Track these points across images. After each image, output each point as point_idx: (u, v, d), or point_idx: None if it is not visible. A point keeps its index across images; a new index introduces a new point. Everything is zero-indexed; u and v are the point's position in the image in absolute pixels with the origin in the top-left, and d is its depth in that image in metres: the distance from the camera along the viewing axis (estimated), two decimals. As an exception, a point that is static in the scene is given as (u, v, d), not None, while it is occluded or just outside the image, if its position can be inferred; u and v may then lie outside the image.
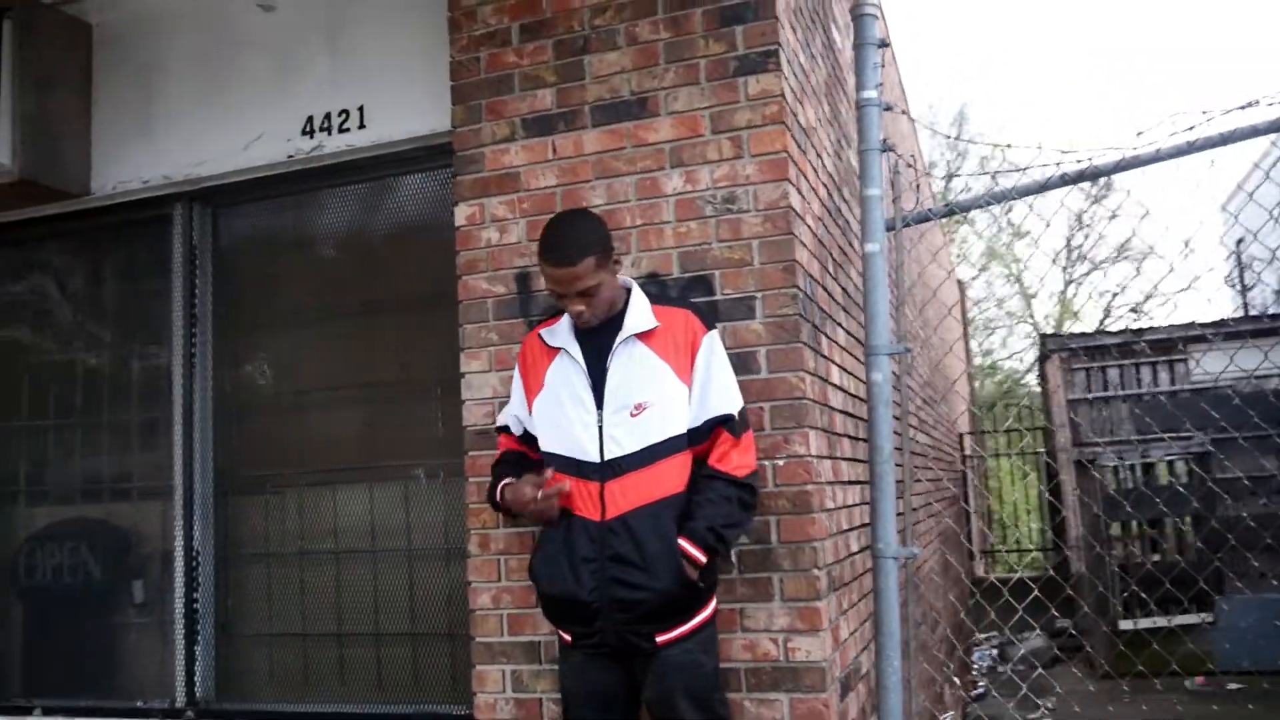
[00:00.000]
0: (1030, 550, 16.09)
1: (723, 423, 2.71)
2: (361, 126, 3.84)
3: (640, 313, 2.76)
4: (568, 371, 2.78)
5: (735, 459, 2.71)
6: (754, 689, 2.92)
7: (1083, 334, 11.39)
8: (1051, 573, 10.45)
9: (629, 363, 2.72)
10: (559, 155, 3.31)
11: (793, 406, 2.99)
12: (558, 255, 2.68)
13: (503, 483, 2.83)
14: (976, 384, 22.26)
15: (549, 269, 2.70)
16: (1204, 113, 2.62)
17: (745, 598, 2.98)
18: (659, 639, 2.62)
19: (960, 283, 18.32)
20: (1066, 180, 2.83)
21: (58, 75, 4.12)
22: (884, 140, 3.00)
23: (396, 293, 3.89)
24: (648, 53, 3.24)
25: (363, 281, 3.95)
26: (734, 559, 2.97)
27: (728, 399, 2.74)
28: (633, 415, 2.67)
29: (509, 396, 3.10)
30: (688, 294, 3.09)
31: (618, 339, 2.73)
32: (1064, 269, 26.05)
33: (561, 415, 2.76)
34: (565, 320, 2.83)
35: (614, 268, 2.77)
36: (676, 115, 3.19)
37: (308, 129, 3.91)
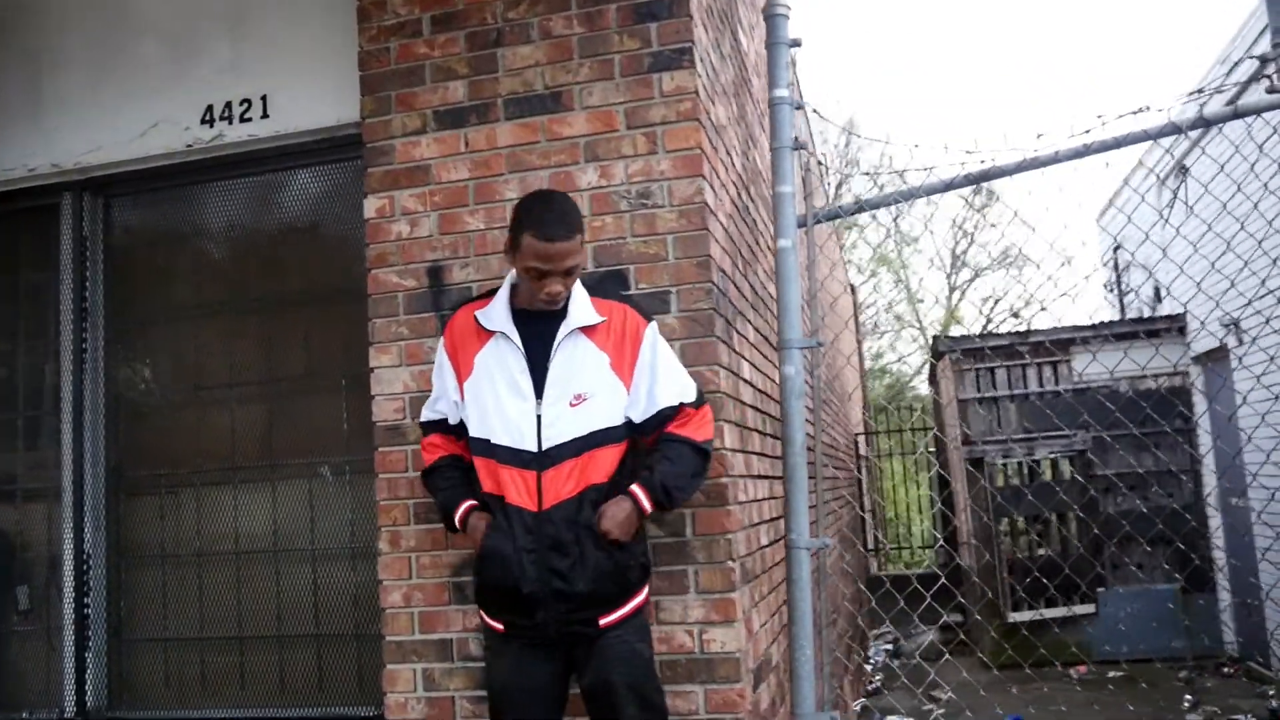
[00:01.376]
0: (919, 548, 16.55)
1: (688, 404, 2.76)
2: (265, 116, 3.74)
3: (584, 305, 2.75)
4: (504, 356, 2.73)
5: (696, 426, 2.77)
6: (669, 681, 2.94)
7: (972, 336, 11.77)
8: (936, 570, 10.75)
9: (571, 354, 2.70)
10: (471, 148, 3.28)
11: (708, 400, 3.02)
12: (558, 230, 2.62)
13: (465, 505, 2.78)
14: (868, 385, 22.81)
15: (543, 245, 2.61)
16: (1099, 117, 2.74)
17: (660, 591, 2.99)
18: (601, 621, 2.61)
19: (851, 286, 18.75)
20: (971, 180, 2.93)
21: (-65, 56, 3.91)
22: (795, 138, 3.05)
23: (301, 287, 3.80)
24: (561, 47, 3.24)
25: (266, 275, 3.85)
26: (649, 554, 2.99)
27: (680, 388, 2.76)
28: (572, 405, 2.66)
29: (424, 391, 3.07)
30: (603, 288, 3.10)
31: (562, 330, 2.70)
32: (948, 275, 26.95)
33: (495, 401, 2.72)
34: (499, 303, 2.78)
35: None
36: (591, 110, 3.19)
37: (208, 118, 3.79)
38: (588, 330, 2.73)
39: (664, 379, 2.74)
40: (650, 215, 3.12)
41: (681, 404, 2.74)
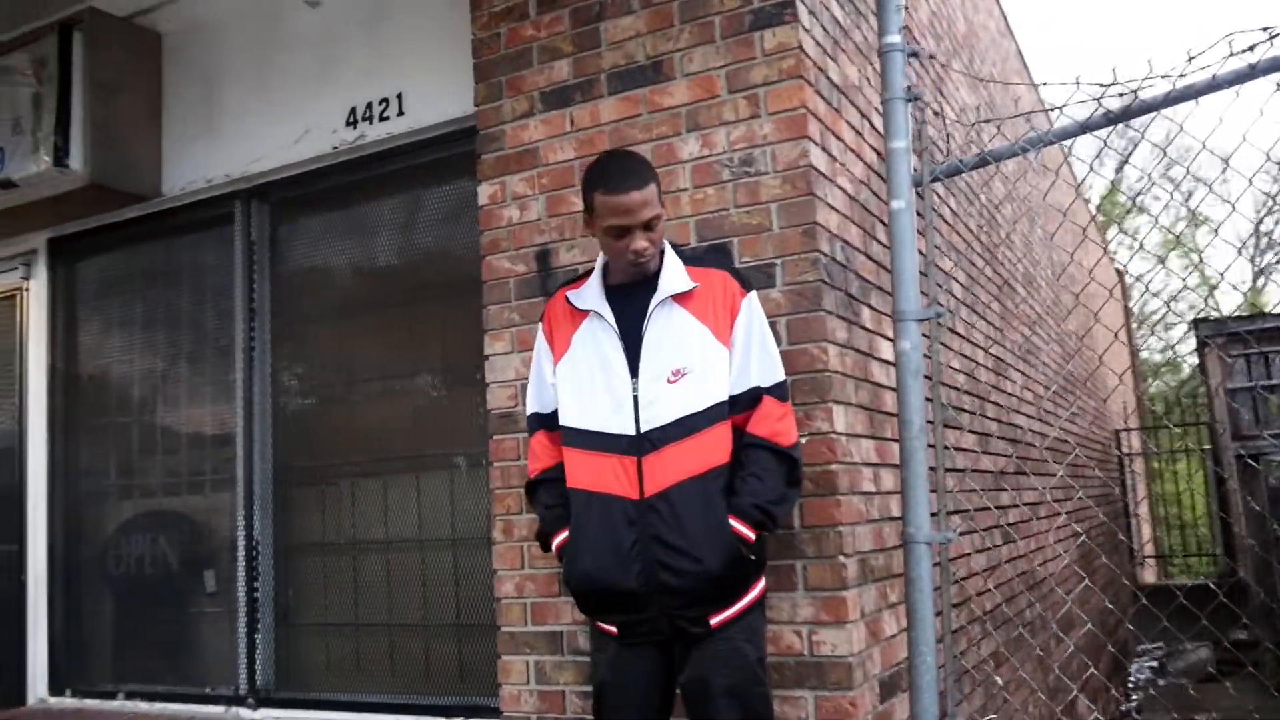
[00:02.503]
0: (1199, 555, 14.97)
1: (769, 390, 2.50)
2: (400, 113, 3.82)
3: (676, 273, 2.54)
4: (598, 335, 2.56)
5: (781, 427, 2.48)
6: (778, 685, 2.71)
7: (1241, 317, 10.49)
8: (1207, 581, 9.63)
9: (666, 326, 2.50)
10: (576, 127, 3.19)
11: (814, 380, 2.77)
12: (625, 182, 2.45)
13: (564, 535, 2.55)
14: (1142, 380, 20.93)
15: (614, 198, 2.45)
16: (1265, 29, 2.27)
17: (768, 586, 2.77)
18: (712, 621, 2.40)
19: (1119, 270, 17.25)
20: (1111, 119, 2.52)
21: (127, 83, 4.26)
22: (908, 88, 2.74)
23: (439, 279, 3.84)
24: (662, 14, 3.08)
25: (406, 269, 3.93)
26: (765, 548, 2.77)
27: (772, 366, 2.52)
28: (670, 382, 2.45)
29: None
30: (705, 263, 2.91)
31: (654, 300, 2.51)
32: (1251, 258, 24.22)
33: (589, 383, 2.55)
34: (592, 282, 2.63)
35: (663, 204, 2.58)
36: (692, 77, 3.02)
37: (351, 119, 3.91)
38: (682, 299, 2.51)
39: (758, 354, 2.51)
40: (753, 184, 2.90)
41: (761, 388, 2.49)
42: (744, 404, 2.49)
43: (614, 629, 2.52)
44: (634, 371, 2.49)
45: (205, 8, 4.34)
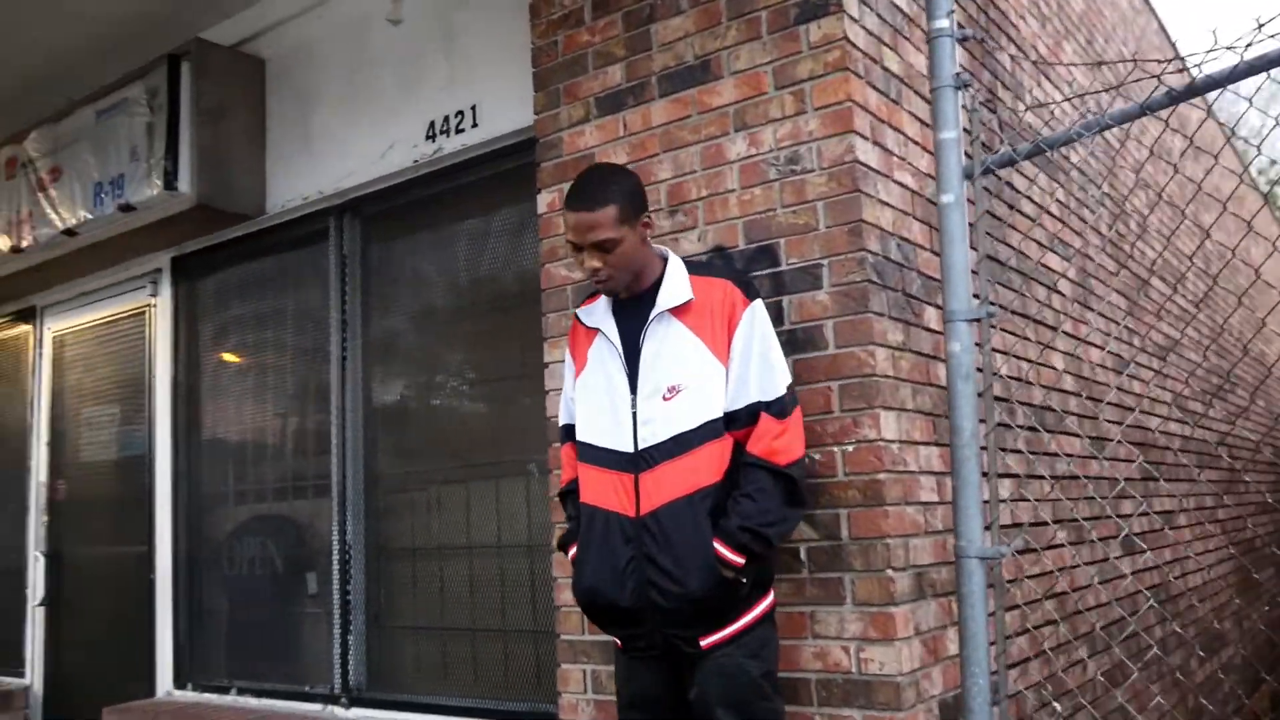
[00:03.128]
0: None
1: (767, 406, 2.41)
2: (475, 125, 3.88)
3: (675, 285, 2.50)
4: (603, 352, 2.58)
5: (778, 445, 2.38)
6: (825, 703, 2.61)
7: None
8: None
9: (663, 341, 2.47)
10: (629, 131, 3.15)
11: (862, 385, 2.65)
12: (577, 201, 2.47)
13: (574, 550, 2.56)
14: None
15: (568, 215, 2.49)
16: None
17: (815, 599, 2.67)
18: (703, 642, 2.35)
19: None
20: (1174, 98, 2.30)
21: (232, 108, 4.48)
22: (958, 74, 2.59)
23: (515, 287, 3.87)
24: (710, 12, 3.01)
25: (484, 278, 3.98)
26: (803, 556, 2.68)
27: (772, 379, 2.43)
28: (665, 399, 2.43)
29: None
30: (753, 266, 2.84)
31: (651, 315, 2.49)
32: None
33: (597, 400, 2.57)
34: (604, 299, 2.64)
35: (642, 230, 2.50)
36: (739, 75, 2.94)
37: (430, 133, 4.00)
38: (680, 312, 2.47)
39: (758, 367, 2.42)
40: (799, 182, 2.80)
41: (760, 404, 2.40)
42: (744, 420, 2.42)
43: (619, 641, 2.52)
44: (634, 388, 2.47)
45: (301, 32, 4.52)
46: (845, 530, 2.64)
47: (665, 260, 2.59)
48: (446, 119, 3.96)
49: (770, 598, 2.47)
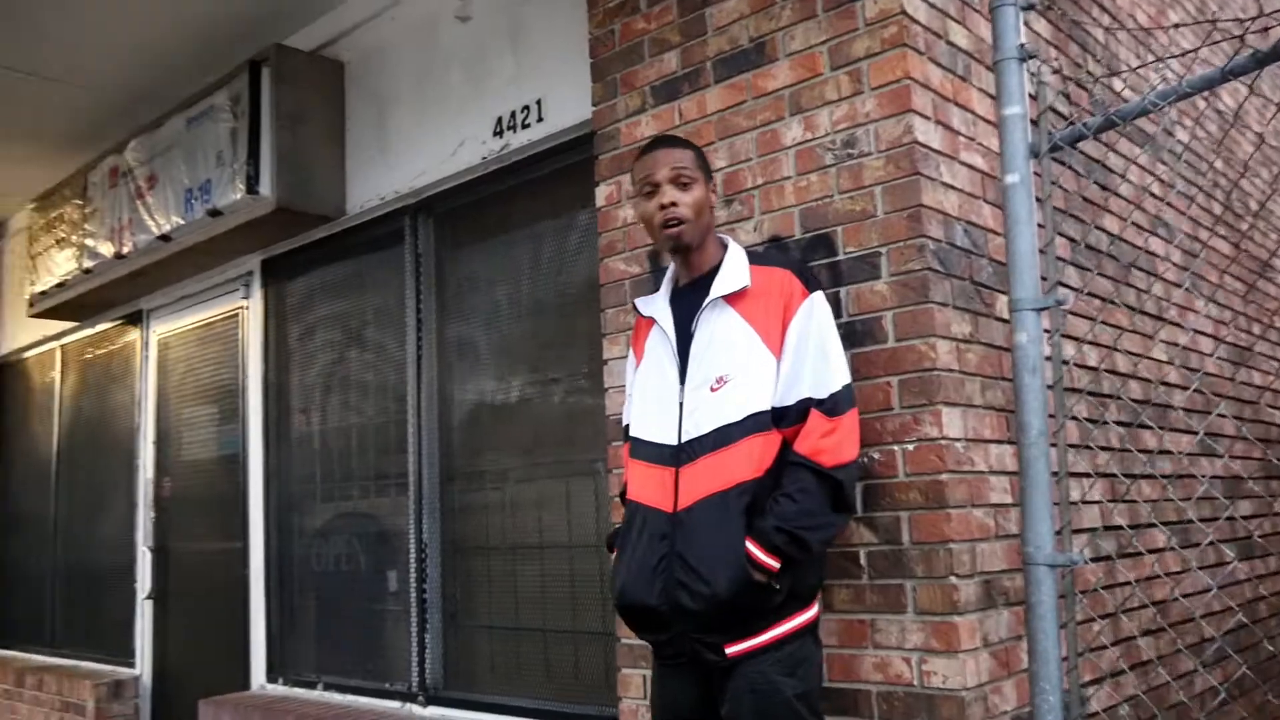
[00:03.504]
0: None
1: (819, 403, 2.27)
2: (540, 119, 3.83)
3: (732, 271, 2.39)
4: (657, 343, 2.48)
5: (826, 444, 2.24)
6: (886, 716, 2.47)
7: None
8: None
9: (714, 329, 2.37)
10: (685, 119, 3.05)
11: (922, 380, 2.50)
12: (655, 144, 2.47)
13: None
14: None
15: (643, 159, 2.46)
16: None
17: (875, 606, 2.53)
18: (728, 650, 2.22)
19: None
20: (1261, 58, 2.08)
21: (311, 112, 4.54)
22: (1022, 46, 2.40)
23: (583, 283, 3.81)
24: (764, -9, 2.89)
25: (552, 274, 3.92)
26: (863, 561, 2.54)
27: (826, 375, 2.29)
28: (713, 390, 2.31)
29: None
30: (809, 256, 2.71)
31: (705, 301, 2.38)
32: None
33: (648, 392, 2.47)
34: (664, 286, 2.55)
35: (710, 195, 2.47)
36: (794, 56, 2.81)
37: (498, 129, 3.97)
38: (735, 300, 2.36)
39: (812, 361, 2.29)
40: (856, 166, 2.66)
41: (811, 400, 2.26)
42: (794, 417, 2.28)
43: (650, 645, 2.42)
44: (684, 378, 2.37)
45: (377, 34, 4.55)
46: (906, 534, 2.49)
47: (726, 247, 2.48)
48: (513, 114, 3.92)
49: (812, 611, 2.32)
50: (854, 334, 2.62)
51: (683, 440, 2.33)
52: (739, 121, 2.92)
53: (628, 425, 2.60)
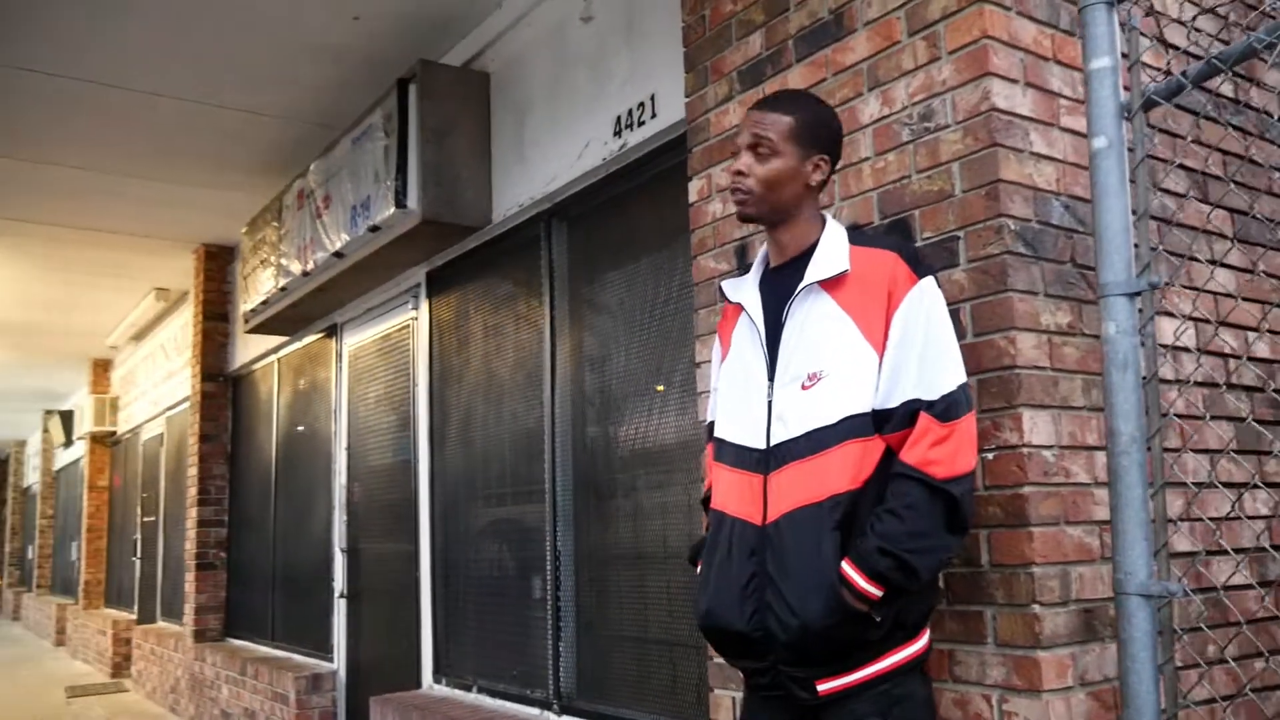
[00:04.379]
0: None
1: (930, 405, 1.96)
2: (653, 116, 3.72)
3: (830, 254, 2.11)
4: (744, 333, 2.24)
5: (938, 453, 1.93)
6: (966, 761, 2.18)
7: None
8: None
9: (807, 319, 2.09)
10: (767, 103, 2.85)
11: (1001, 379, 2.19)
12: (760, 102, 2.21)
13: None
14: None
15: (744, 117, 2.23)
16: None
17: (954, 636, 2.24)
18: (820, 688, 1.96)
19: None
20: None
21: (456, 125, 4.63)
22: (1110, -13, 2.06)
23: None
24: (842, -43, 2.65)
25: (673, 273, 3.79)
26: (941, 583, 2.26)
27: (937, 373, 1.98)
28: (804, 388, 2.04)
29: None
30: (881, 237, 2.44)
31: (799, 287, 2.12)
32: None
33: (734, 390, 2.23)
34: (755, 266, 2.30)
35: (811, 169, 2.15)
36: (871, 25, 2.56)
37: (616, 129, 3.89)
38: (832, 286, 2.07)
39: (919, 357, 1.99)
40: (933, 141, 2.38)
41: (921, 402, 1.97)
42: (899, 421, 1.98)
43: (743, 674, 2.17)
44: (773, 374, 2.11)
45: (515, 43, 4.59)
46: (986, 554, 2.19)
47: (825, 224, 2.20)
48: (630, 112, 3.83)
49: (921, 643, 2.02)
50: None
51: (771, 444, 2.06)
52: (818, 101, 2.69)
53: (711, 424, 2.36)
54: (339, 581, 6.13)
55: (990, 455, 2.20)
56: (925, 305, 2.02)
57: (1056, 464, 2.20)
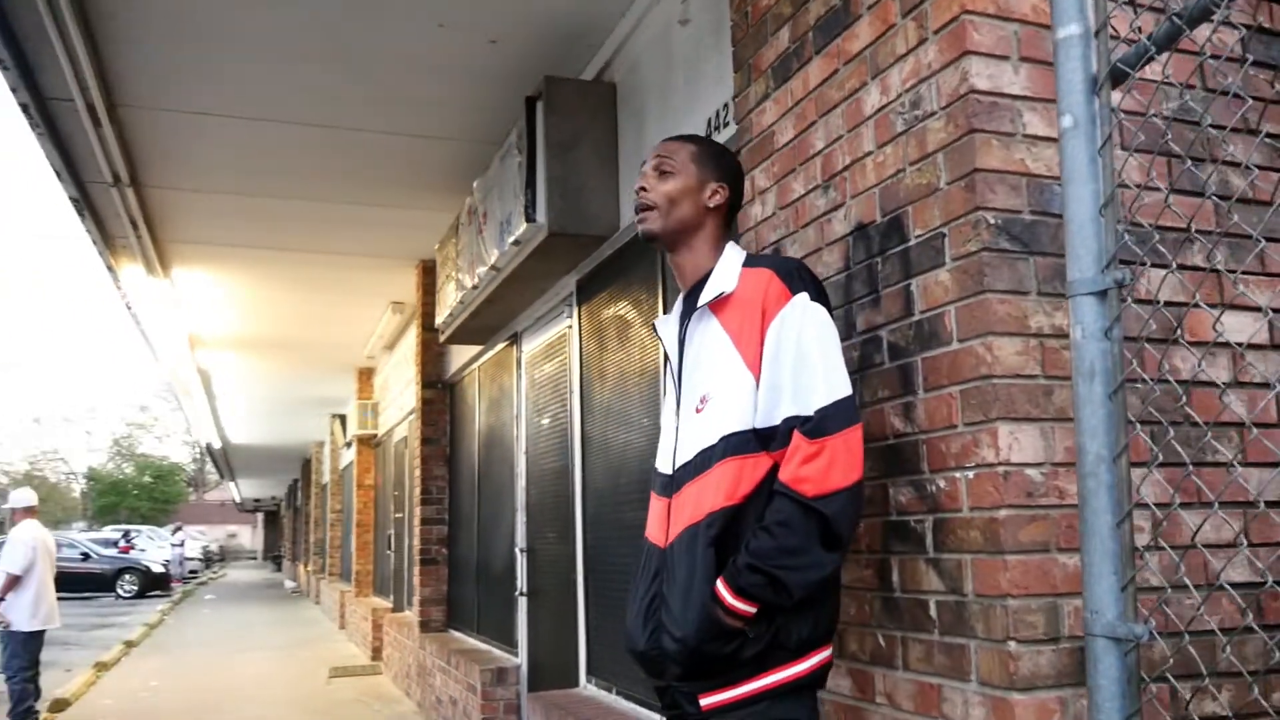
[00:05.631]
0: None
1: (801, 422, 1.95)
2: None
3: (721, 276, 2.13)
4: (668, 363, 2.33)
5: (809, 471, 1.91)
6: (952, 808, 2.00)
7: None
8: None
9: (701, 343, 2.13)
10: (794, 100, 2.73)
11: (979, 390, 1.99)
12: (670, 136, 2.32)
13: None
14: None
15: None
16: None
17: (943, 670, 2.06)
18: (701, 701, 1.97)
19: None
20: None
21: (582, 137, 4.70)
22: (1075, -55, 1.80)
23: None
24: (848, -61, 2.48)
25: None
26: (933, 612, 2.09)
27: (809, 388, 1.96)
28: (698, 411, 2.08)
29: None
30: (886, 245, 2.29)
31: (693, 313, 2.17)
32: None
33: (663, 418, 2.32)
34: (676, 304, 2.33)
35: (709, 197, 2.20)
36: (873, 10, 2.39)
37: (707, 130, 3.82)
38: (718, 307, 2.11)
39: (792, 374, 1.97)
40: (921, 131, 2.19)
41: (796, 418, 1.94)
42: (782, 438, 1.98)
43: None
44: (679, 400, 2.17)
45: (633, 50, 4.60)
46: (969, 583, 2.00)
47: (725, 251, 2.23)
48: (718, 113, 3.76)
49: (803, 665, 1.96)
50: (921, 335, 2.16)
51: (675, 468, 2.12)
52: (831, 95, 2.54)
53: None
54: (520, 579, 6.39)
55: (970, 474, 2.00)
56: (797, 321, 2.00)
57: (1046, 483, 1.96)
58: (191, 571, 33.26)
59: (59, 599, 7.91)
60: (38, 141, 5.77)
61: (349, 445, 16.44)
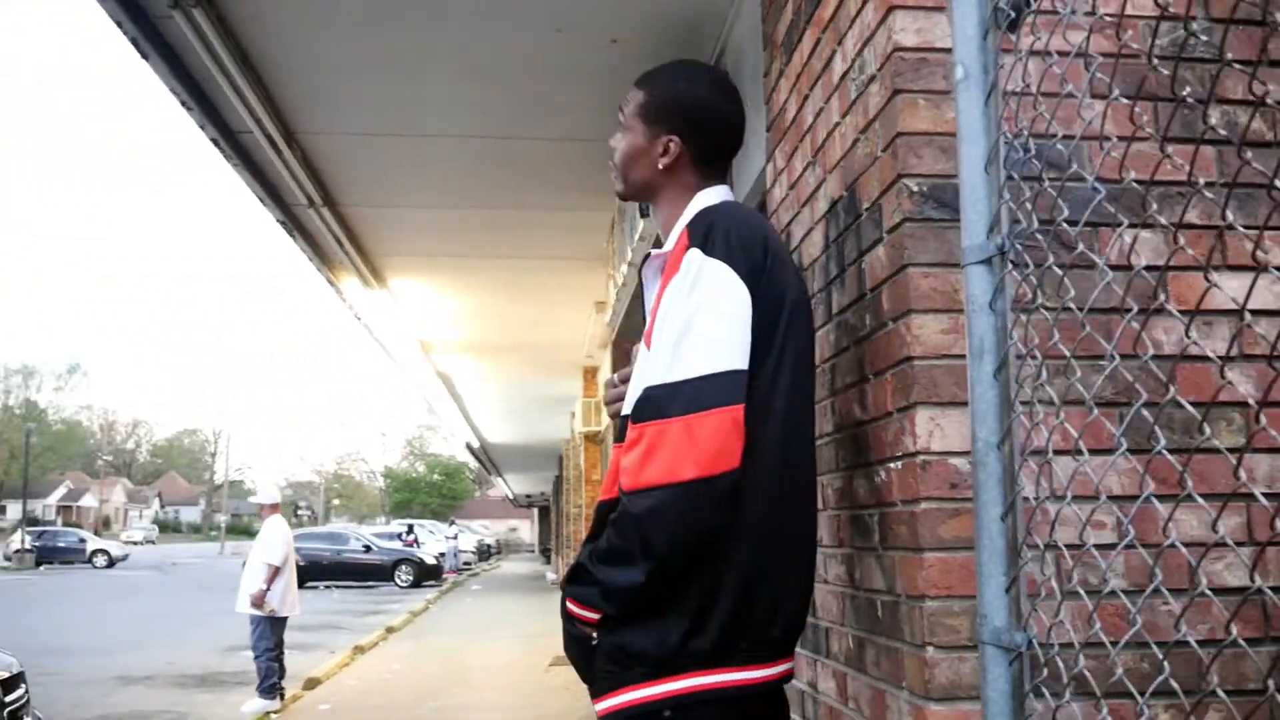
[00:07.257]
0: None
1: (638, 403, 1.69)
2: (801, 96, 3.49)
3: (674, 235, 1.89)
4: None
5: (626, 460, 1.66)
6: (892, 825, 1.86)
7: None
8: None
9: (649, 307, 1.91)
10: (795, 74, 2.61)
11: (901, 374, 1.84)
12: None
13: None
14: None
15: None
16: None
17: (886, 675, 1.92)
18: (597, 707, 1.73)
19: None
20: None
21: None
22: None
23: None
24: (819, -100, 2.34)
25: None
26: (880, 613, 1.95)
27: (666, 363, 1.65)
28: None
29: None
30: (847, 223, 2.14)
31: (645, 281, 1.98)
32: None
33: None
34: None
35: (660, 151, 1.91)
36: (837, -30, 2.24)
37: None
38: (666, 271, 1.81)
39: (659, 344, 1.69)
40: (865, 97, 2.05)
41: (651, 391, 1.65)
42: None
43: None
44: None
45: (739, 38, 4.51)
46: (900, 582, 1.85)
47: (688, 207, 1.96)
48: (789, 95, 3.63)
49: (664, 689, 1.62)
50: (869, 316, 2.01)
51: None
52: (815, 65, 2.41)
53: None
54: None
55: (899, 464, 1.85)
56: (676, 281, 1.70)
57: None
58: (465, 563, 35.51)
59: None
60: (235, 171, 6.39)
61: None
